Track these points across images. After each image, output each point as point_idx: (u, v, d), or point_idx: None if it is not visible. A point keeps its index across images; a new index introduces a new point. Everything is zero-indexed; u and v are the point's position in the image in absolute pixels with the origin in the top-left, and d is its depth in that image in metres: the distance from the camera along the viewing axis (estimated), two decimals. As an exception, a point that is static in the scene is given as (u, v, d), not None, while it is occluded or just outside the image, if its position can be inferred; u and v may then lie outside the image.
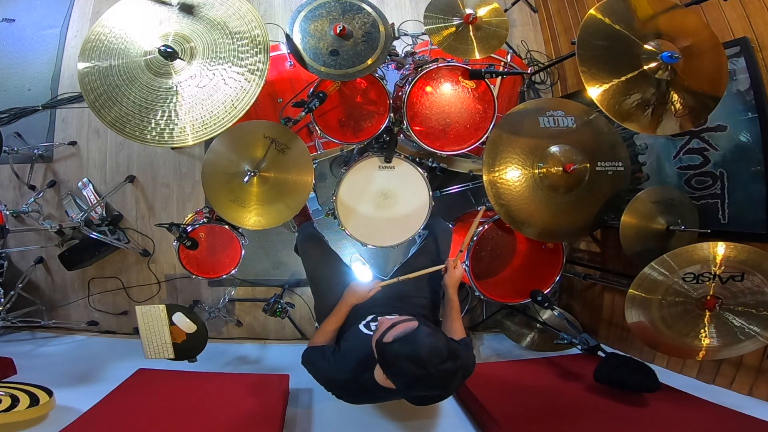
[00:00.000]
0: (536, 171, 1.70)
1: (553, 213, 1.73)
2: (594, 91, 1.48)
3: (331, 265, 1.78)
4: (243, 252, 1.99)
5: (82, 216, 2.27)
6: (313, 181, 1.72)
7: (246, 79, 1.47)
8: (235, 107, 1.46)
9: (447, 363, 1.07)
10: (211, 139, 1.50)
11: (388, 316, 1.32)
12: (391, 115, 1.83)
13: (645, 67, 1.49)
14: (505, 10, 2.17)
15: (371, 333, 1.34)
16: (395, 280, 1.56)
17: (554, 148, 1.70)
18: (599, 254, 2.44)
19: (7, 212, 2.24)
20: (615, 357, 1.66)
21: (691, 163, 1.84)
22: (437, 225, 1.94)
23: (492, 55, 1.92)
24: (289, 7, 2.77)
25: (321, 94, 1.63)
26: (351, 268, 1.84)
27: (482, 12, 1.81)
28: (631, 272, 1.59)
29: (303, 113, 1.58)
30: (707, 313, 1.46)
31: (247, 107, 1.45)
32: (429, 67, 1.78)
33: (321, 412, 1.66)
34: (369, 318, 1.46)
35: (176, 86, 1.47)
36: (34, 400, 1.50)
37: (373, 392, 1.24)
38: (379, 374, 1.18)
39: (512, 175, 1.69)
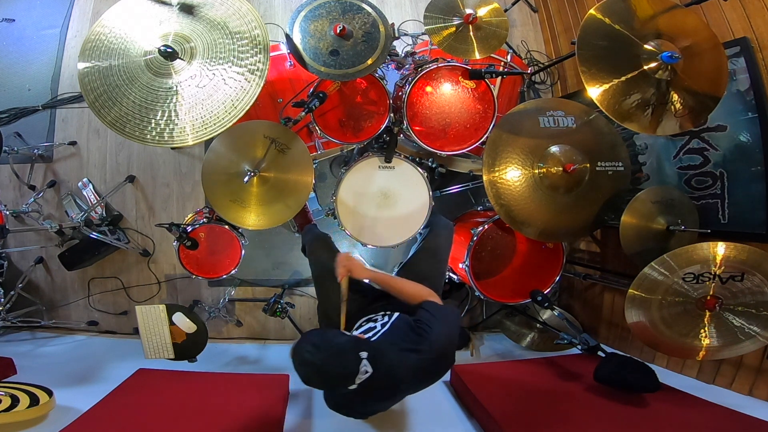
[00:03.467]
0: (536, 171, 1.70)
1: (553, 213, 1.73)
2: (594, 91, 1.48)
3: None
4: (243, 252, 1.99)
5: (82, 216, 2.27)
6: (313, 181, 1.72)
7: (246, 79, 1.47)
8: (235, 107, 1.46)
9: (326, 349, 1.06)
10: (211, 139, 1.50)
11: (371, 327, 1.33)
12: (391, 115, 1.83)
13: (645, 67, 1.49)
14: (505, 10, 2.17)
15: None
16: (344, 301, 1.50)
17: (554, 148, 1.70)
18: (599, 254, 2.44)
19: (7, 212, 2.24)
20: (615, 357, 1.66)
21: (691, 163, 1.84)
22: (439, 222, 1.93)
23: (492, 55, 1.91)
24: (289, 7, 2.77)
25: (321, 94, 1.63)
26: None
27: (482, 12, 1.81)
28: (631, 272, 1.59)
29: (303, 113, 1.59)
30: (707, 313, 1.46)
31: (247, 107, 1.45)
32: (429, 67, 1.79)
33: (321, 412, 1.66)
34: (356, 325, 1.42)
35: (176, 86, 1.47)
36: (34, 400, 1.50)
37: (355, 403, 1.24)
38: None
39: (512, 175, 1.69)
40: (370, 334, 1.31)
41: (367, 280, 1.52)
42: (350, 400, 1.21)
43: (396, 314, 1.35)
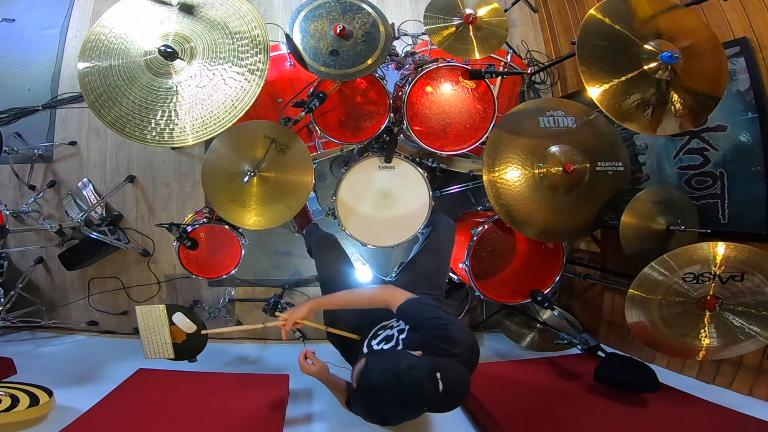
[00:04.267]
0: (536, 171, 1.70)
1: (553, 213, 1.73)
2: (594, 91, 1.48)
3: (343, 267, 1.79)
4: (243, 252, 1.99)
5: (82, 216, 2.27)
6: (313, 181, 1.72)
7: (246, 79, 1.47)
8: (235, 107, 1.46)
9: (408, 375, 1.01)
10: (211, 139, 1.50)
11: (389, 335, 1.34)
12: (391, 115, 1.83)
13: (645, 67, 1.49)
14: (505, 10, 2.17)
15: None
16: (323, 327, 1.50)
17: (554, 148, 1.70)
18: (599, 254, 2.44)
19: (7, 212, 2.23)
20: (615, 357, 1.66)
21: (691, 163, 1.84)
22: (441, 221, 1.93)
23: (492, 55, 1.91)
24: (289, 7, 2.77)
25: (321, 94, 1.63)
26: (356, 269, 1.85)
27: (482, 12, 1.81)
28: (631, 272, 1.59)
29: (303, 113, 1.59)
30: (707, 313, 1.46)
31: (247, 107, 1.45)
32: (429, 67, 1.79)
33: (321, 412, 1.66)
34: (370, 335, 1.41)
35: (176, 86, 1.47)
36: (34, 400, 1.50)
37: (404, 416, 1.20)
38: None
39: (512, 175, 1.69)
40: (392, 343, 1.31)
41: (311, 316, 1.44)
42: (398, 415, 1.18)
43: (408, 325, 1.34)
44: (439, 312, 1.26)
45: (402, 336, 1.31)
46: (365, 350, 1.37)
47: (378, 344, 1.36)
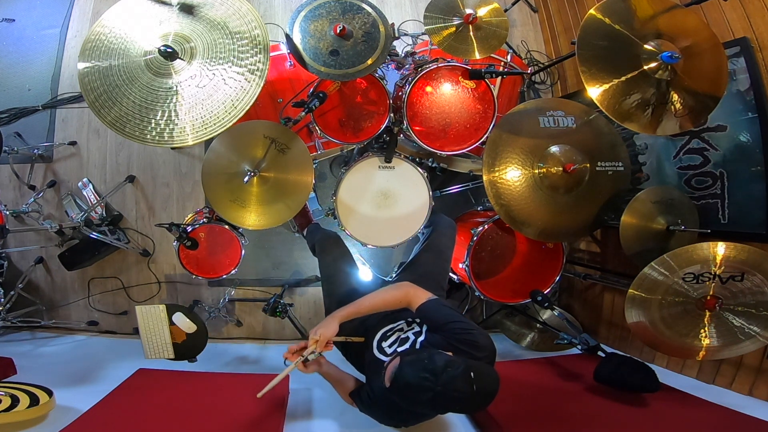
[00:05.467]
0: (536, 171, 1.70)
1: (553, 213, 1.73)
2: (594, 91, 1.48)
3: (347, 266, 1.79)
4: (243, 252, 1.99)
5: (82, 216, 2.27)
6: (313, 181, 1.72)
7: (246, 79, 1.47)
8: (235, 107, 1.46)
9: (444, 374, 1.03)
10: (211, 139, 1.50)
11: (401, 337, 1.35)
12: (391, 115, 1.83)
13: (645, 67, 1.49)
14: (505, 10, 2.17)
15: (383, 358, 1.34)
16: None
17: (554, 148, 1.70)
18: (599, 254, 2.44)
19: (7, 212, 2.24)
20: (615, 357, 1.66)
21: (691, 163, 1.84)
22: (441, 221, 1.93)
23: (492, 55, 1.91)
24: (289, 7, 2.77)
25: (321, 94, 1.63)
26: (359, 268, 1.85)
27: (482, 12, 1.81)
28: (631, 272, 1.59)
29: (303, 113, 1.58)
30: (707, 313, 1.46)
31: (247, 107, 1.45)
32: (429, 67, 1.79)
33: (321, 412, 1.66)
34: (378, 336, 1.41)
35: (176, 86, 1.47)
36: (34, 400, 1.49)
37: (430, 414, 1.27)
38: None
39: (512, 175, 1.69)
40: (407, 345, 1.32)
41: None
42: (426, 414, 1.20)
43: (425, 326, 1.36)
44: (459, 315, 1.28)
45: (420, 338, 1.33)
46: (376, 353, 1.36)
47: (390, 346, 1.36)
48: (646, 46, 1.51)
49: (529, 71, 2.58)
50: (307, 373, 1.34)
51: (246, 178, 1.60)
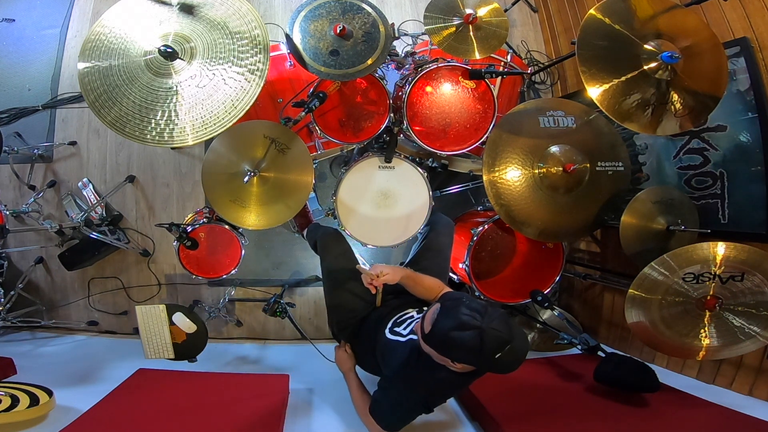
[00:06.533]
0: (536, 171, 1.70)
1: (553, 213, 1.73)
2: (594, 91, 1.48)
3: (349, 263, 1.78)
4: (243, 252, 1.99)
5: (82, 216, 2.27)
6: (313, 181, 1.72)
7: (246, 79, 1.47)
8: (235, 107, 1.46)
9: (487, 313, 1.11)
10: (211, 139, 1.50)
11: (415, 319, 1.38)
12: (391, 115, 1.83)
13: (645, 67, 1.49)
14: (505, 10, 2.17)
15: (399, 338, 1.38)
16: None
17: (554, 148, 1.70)
18: (599, 254, 2.44)
19: (7, 212, 2.23)
20: (615, 357, 1.66)
21: (691, 163, 1.84)
22: (440, 221, 1.93)
23: (492, 55, 1.91)
24: (289, 7, 2.77)
25: (321, 94, 1.63)
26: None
27: (482, 12, 1.81)
28: (631, 272, 1.59)
29: (303, 113, 1.58)
30: (707, 313, 1.46)
31: (247, 107, 1.45)
32: (429, 67, 1.78)
33: (321, 412, 1.66)
34: (390, 323, 1.47)
35: (176, 86, 1.47)
36: (34, 400, 1.49)
37: (453, 382, 1.29)
38: (456, 366, 1.19)
39: (512, 175, 1.69)
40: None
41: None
42: (465, 359, 1.20)
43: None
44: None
45: None
46: (388, 335, 1.42)
47: (405, 328, 1.41)
48: (646, 46, 1.51)
49: (529, 71, 2.58)
50: (342, 362, 1.55)
51: (246, 178, 1.60)
